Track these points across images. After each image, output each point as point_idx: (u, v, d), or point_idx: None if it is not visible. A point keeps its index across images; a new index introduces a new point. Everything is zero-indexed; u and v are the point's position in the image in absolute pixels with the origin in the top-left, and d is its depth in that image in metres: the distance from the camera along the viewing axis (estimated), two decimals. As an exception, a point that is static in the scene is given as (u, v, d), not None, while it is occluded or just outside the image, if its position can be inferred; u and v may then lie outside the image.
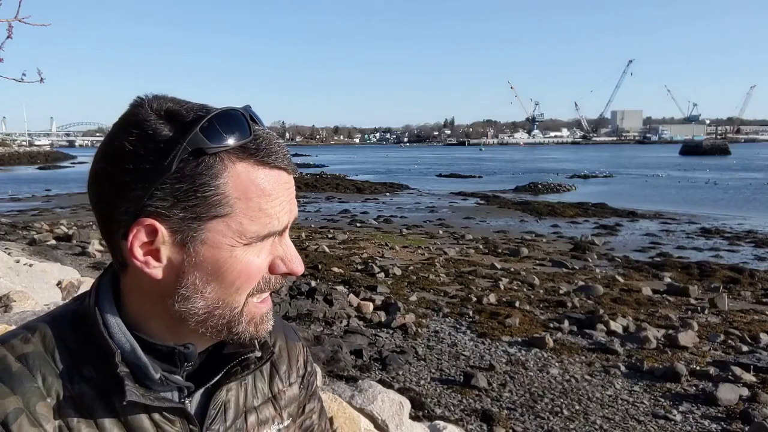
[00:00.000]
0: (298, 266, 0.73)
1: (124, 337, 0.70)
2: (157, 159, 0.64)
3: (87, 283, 5.47)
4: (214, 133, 0.65)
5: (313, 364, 0.98)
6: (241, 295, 0.70)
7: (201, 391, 0.76)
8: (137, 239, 0.66)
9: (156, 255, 0.67)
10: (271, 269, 0.72)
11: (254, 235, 0.68)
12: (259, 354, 0.80)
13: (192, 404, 0.75)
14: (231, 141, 0.66)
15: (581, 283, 10.90)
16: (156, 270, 0.68)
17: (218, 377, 0.77)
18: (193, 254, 0.67)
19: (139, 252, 0.67)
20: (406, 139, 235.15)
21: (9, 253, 8.06)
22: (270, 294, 0.75)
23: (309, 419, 0.94)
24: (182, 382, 0.73)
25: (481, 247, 15.31)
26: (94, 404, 0.68)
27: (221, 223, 0.67)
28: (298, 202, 0.78)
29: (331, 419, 1.01)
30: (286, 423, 0.87)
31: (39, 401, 0.66)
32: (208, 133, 0.65)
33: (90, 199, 0.70)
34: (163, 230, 0.66)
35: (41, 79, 2.73)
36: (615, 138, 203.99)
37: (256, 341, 0.79)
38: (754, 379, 6.45)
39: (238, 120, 0.67)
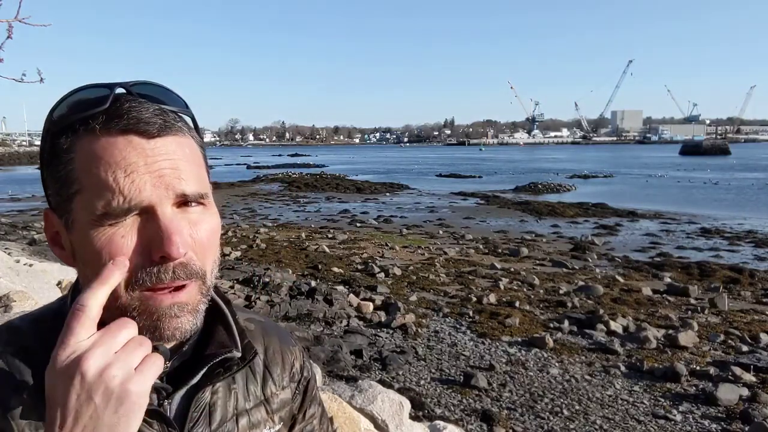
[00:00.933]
0: (168, 246, 0.62)
1: None
2: (41, 149, 0.69)
3: (87, 283, 5.45)
4: (62, 112, 0.66)
5: (311, 370, 0.95)
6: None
7: (182, 392, 0.73)
8: (47, 228, 0.70)
9: (58, 241, 0.70)
10: (149, 254, 0.63)
11: (102, 211, 0.62)
12: (239, 354, 0.77)
13: (171, 407, 0.73)
14: (76, 115, 0.64)
15: (581, 283, 10.90)
16: (63, 256, 0.70)
17: (197, 378, 0.74)
18: (74, 237, 0.66)
19: (49, 240, 0.71)
20: (406, 139, 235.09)
21: (9, 253, 8.07)
22: (182, 289, 0.65)
23: (309, 424, 0.92)
24: (157, 383, 0.69)
25: (481, 247, 15.32)
26: None
27: (78, 202, 0.64)
28: (298, 201, 0.74)
29: (331, 419, 1.01)
30: (277, 427, 0.85)
31: (14, 397, 0.66)
32: (59, 114, 0.66)
33: None
34: (53, 216, 0.69)
35: (41, 79, 2.73)
36: (615, 138, 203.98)
37: (239, 341, 0.77)
38: (754, 379, 6.45)
39: (90, 94, 0.65)
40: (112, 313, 0.64)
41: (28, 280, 5.32)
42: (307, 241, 15.35)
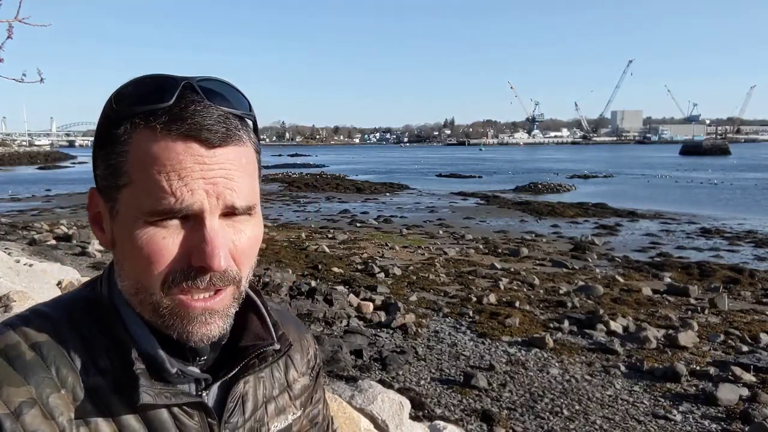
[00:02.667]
0: (210, 259, 0.62)
1: (140, 329, 0.68)
2: (97, 130, 0.66)
3: (87, 283, 5.45)
4: (127, 100, 0.64)
5: (320, 356, 0.98)
6: (152, 279, 0.63)
7: (218, 384, 0.74)
8: (90, 206, 0.70)
9: (99, 222, 0.69)
10: (188, 259, 0.63)
11: (149, 210, 0.61)
12: (277, 347, 0.78)
13: (209, 397, 0.74)
14: (138, 107, 0.63)
15: (581, 283, 10.90)
16: (102, 239, 0.69)
17: (236, 370, 0.74)
18: (117, 227, 0.65)
19: (90, 218, 0.70)
20: (406, 139, 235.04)
21: (9, 253, 8.06)
22: (216, 295, 0.66)
23: (315, 408, 0.94)
24: (199, 374, 0.72)
25: (481, 247, 15.32)
26: (110, 398, 0.66)
27: (127, 194, 0.63)
28: (298, 201, 0.74)
29: (332, 418, 1.01)
30: (298, 413, 0.87)
31: (53, 393, 0.63)
32: (122, 99, 0.64)
33: None
34: (98, 198, 0.68)
35: (41, 79, 2.73)
36: (615, 138, 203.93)
37: (274, 333, 0.78)
38: (754, 379, 6.45)
39: (157, 86, 0.63)
40: (144, 308, 0.66)
41: (28, 280, 5.32)
42: (307, 241, 15.35)
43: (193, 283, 0.63)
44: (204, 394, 0.73)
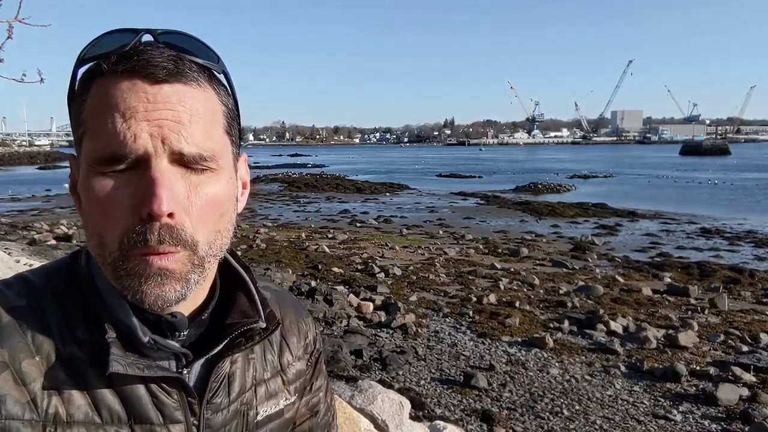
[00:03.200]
0: (150, 201, 0.57)
1: (115, 299, 0.66)
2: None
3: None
4: (87, 53, 0.63)
5: (321, 342, 0.94)
6: (108, 234, 0.60)
7: (201, 362, 0.71)
8: (71, 173, 0.67)
9: (75, 187, 0.66)
10: (140, 213, 0.59)
11: (97, 156, 0.59)
12: (263, 325, 0.74)
13: (191, 375, 0.70)
14: (92, 57, 0.62)
15: (581, 283, 10.90)
16: (76, 203, 0.66)
17: (219, 348, 0.70)
18: (80, 182, 0.64)
19: (71, 186, 0.68)
20: (406, 139, 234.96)
21: (9, 253, 8.06)
22: (170, 254, 0.61)
23: (315, 396, 0.91)
24: (177, 348, 0.68)
25: (481, 247, 15.32)
26: (86, 369, 0.63)
27: (84, 144, 0.62)
28: (298, 201, 0.72)
29: (335, 412, 1.00)
30: (292, 399, 0.84)
31: (27, 358, 0.61)
32: (85, 54, 0.63)
33: None
34: (74, 161, 0.67)
35: (41, 79, 2.73)
36: (615, 138, 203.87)
37: (261, 311, 0.74)
38: (754, 379, 6.45)
39: (115, 38, 0.62)
40: (106, 269, 0.63)
41: (28, 280, 5.31)
42: (307, 241, 15.35)
43: (143, 238, 0.59)
44: (185, 372, 0.69)
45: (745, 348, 7.43)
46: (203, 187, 0.62)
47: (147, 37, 0.62)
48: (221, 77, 0.67)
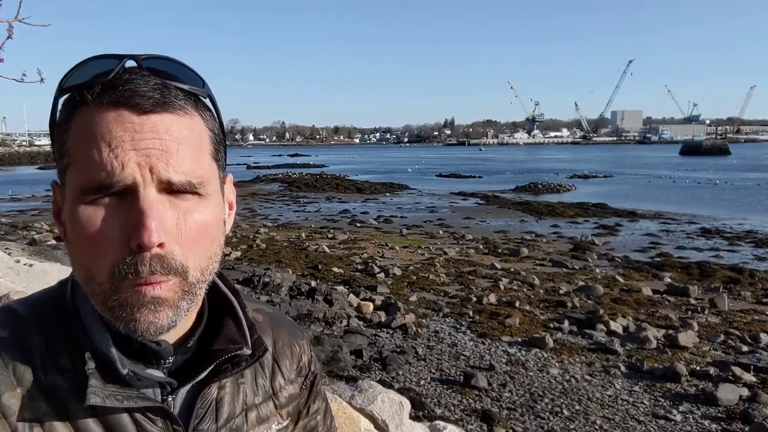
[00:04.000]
0: (140, 232, 0.57)
1: (96, 327, 0.65)
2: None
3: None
4: (69, 81, 0.62)
5: (317, 365, 0.93)
6: (97, 265, 0.60)
7: (187, 388, 0.70)
8: (54, 200, 0.67)
9: (59, 214, 0.66)
10: (129, 243, 0.59)
11: (83, 186, 0.59)
12: (249, 352, 0.73)
13: (176, 403, 0.70)
14: (74, 86, 0.61)
15: (581, 283, 10.90)
16: (61, 231, 0.65)
17: (204, 374, 0.70)
18: (65, 212, 0.63)
19: (54, 213, 0.67)
20: (406, 139, 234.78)
21: (9, 253, 8.07)
22: (162, 284, 0.60)
23: (313, 420, 0.89)
24: (160, 377, 0.67)
25: (481, 247, 15.32)
26: (68, 399, 0.62)
27: (69, 175, 0.61)
28: (298, 201, 0.72)
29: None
30: (285, 423, 0.82)
31: (7, 391, 0.61)
32: (62, 84, 0.62)
33: None
34: (57, 189, 0.66)
35: (41, 79, 2.73)
36: (615, 138, 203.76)
37: (248, 337, 0.74)
38: (754, 379, 6.45)
39: (97, 65, 0.61)
40: (95, 299, 0.62)
41: (28, 280, 5.32)
42: (307, 241, 15.35)
43: (135, 270, 0.58)
44: (170, 399, 0.69)
45: (745, 348, 7.44)
46: (192, 213, 0.62)
47: (130, 63, 0.62)
48: (207, 101, 0.67)
